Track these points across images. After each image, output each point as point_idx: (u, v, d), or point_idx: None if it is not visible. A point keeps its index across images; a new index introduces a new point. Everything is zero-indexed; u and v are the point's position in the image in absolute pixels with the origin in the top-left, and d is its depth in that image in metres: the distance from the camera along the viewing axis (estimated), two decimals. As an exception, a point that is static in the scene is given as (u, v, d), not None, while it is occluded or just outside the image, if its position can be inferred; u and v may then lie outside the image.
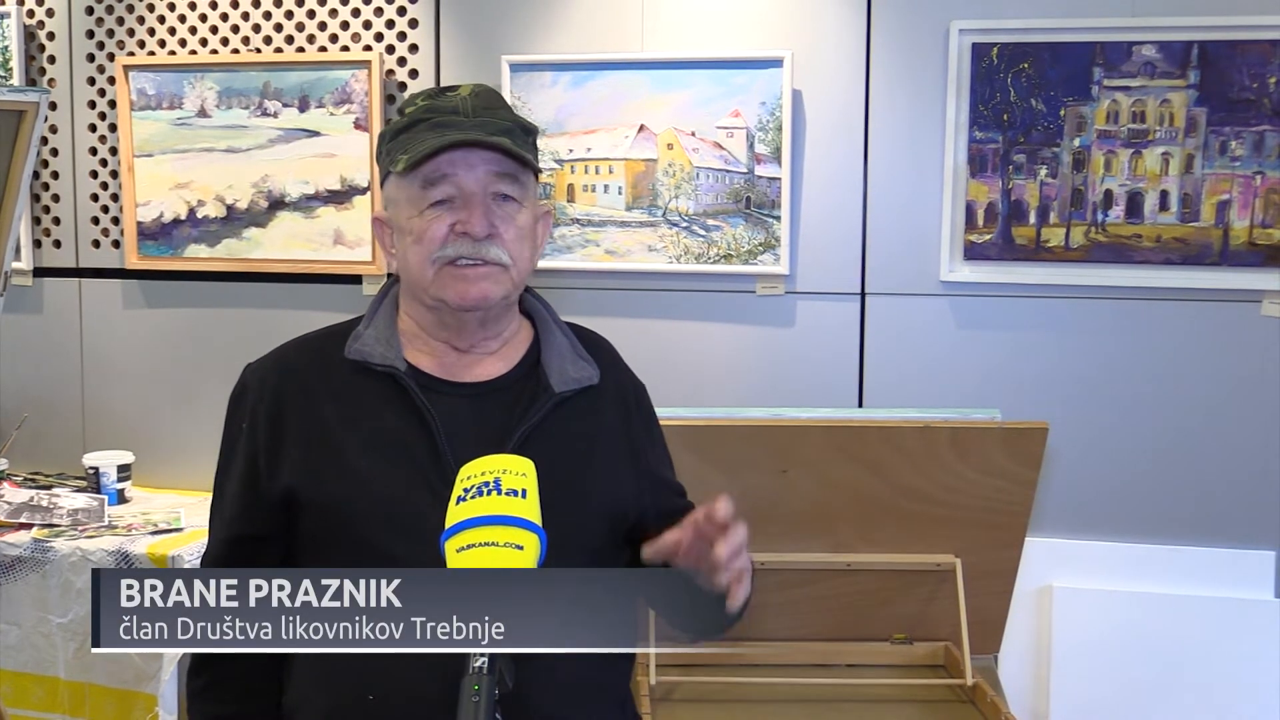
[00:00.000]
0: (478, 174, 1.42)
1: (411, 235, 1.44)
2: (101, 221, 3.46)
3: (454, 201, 1.42)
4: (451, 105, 1.44)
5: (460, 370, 1.50)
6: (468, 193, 1.42)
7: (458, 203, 1.42)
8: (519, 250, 1.45)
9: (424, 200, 1.43)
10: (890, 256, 3.01)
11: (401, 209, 1.46)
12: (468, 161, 1.41)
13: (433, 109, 1.44)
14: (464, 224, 1.41)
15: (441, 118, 1.43)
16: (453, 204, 1.42)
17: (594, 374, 1.53)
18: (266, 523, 1.47)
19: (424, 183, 1.42)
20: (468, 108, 1.44)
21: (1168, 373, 2.92)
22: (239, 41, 3.30)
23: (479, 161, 1.42)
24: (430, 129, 1.42)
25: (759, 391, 3.07)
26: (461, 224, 1.41)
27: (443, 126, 1.42)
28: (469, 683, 1.09)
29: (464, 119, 1.43)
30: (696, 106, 3.03)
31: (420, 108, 1.46)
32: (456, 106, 1.44)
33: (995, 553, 2.42)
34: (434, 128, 1.42)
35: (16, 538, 2.99)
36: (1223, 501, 2.91)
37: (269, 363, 1.53)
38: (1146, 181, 2.87)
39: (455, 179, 1.42)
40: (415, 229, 1.43)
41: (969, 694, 2.34)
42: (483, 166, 1.42)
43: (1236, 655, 2.86)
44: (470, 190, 1.42)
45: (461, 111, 1.43)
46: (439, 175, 1.42)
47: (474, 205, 1.42)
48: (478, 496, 1.20)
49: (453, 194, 1.42)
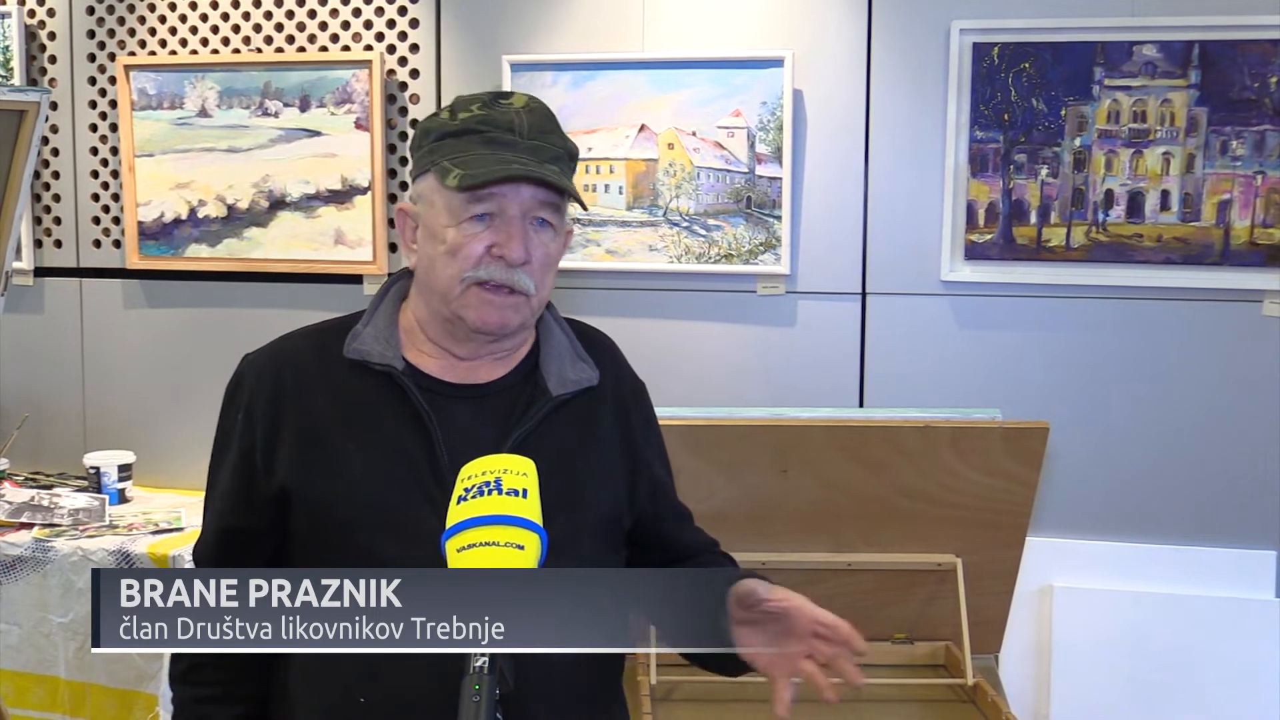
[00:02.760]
0: (523, 198, 1.40)
1: (445, 245, 1.41)
2: (102, 221, 3.46)
3: (494, 220, 1.40)
4: (507, 120, 1.41)
5: (459, 372, 1.49)
6: (510, 216, 1.40)
7: (498, 222, 1.40)
8: (543, 278, 1.44)
9: (464, 213, 1.40)
10: (891, 256, 3.01)
11: (438, 214, 1.42)
12: (514, 183, 1.39)
13: (488, 121, 1.41)
14: (501, 247, 1.39)
15: (496, 133, 1.40)
16: (492, 222, 1.40)
17: (593, 375, 1.52)
18: (260, 516, 1.47)
19: (470, 198, 1.39)
20: (524, 126, 1.41)
21: (1168, 373, 2.92)
22: (240, 41, 3.30)
23: (526, 187, 1.40)
24: (484, 144, 1.39)
25: (760, 391, 3.07)
26: (499, 247, 1.39)
27: (498, 145, 1.39)
28: (469, 683, 1.08)
29: (519, 140, 1.40)
30: (697, 106, 3.03)
31: (475, 116, 1.42)
32: (512, 123, 1.41)
33: (996, 552, 2.41)
34: (488, 143, 1.39)
35: (17, 537, 3.00)
36: (1223, 501, 2.91)
37: (266, 355, 1.51)
38: (1147, 181, 2.86)
39: (500, 199, 1.39)
40: (450, 240, 1.40)
41: (970, 694, 2.34)
42: (529, 191, 1.40)
43: (1237, 655, 2.86)
44: (513, 214, 1.40)
45: (517, 130, 1.41)
46: (486, 193, 1.39)
47: (514, 230, 1.39)
48: (479, 496, 1.20)
49: (494, 211, 1.40)
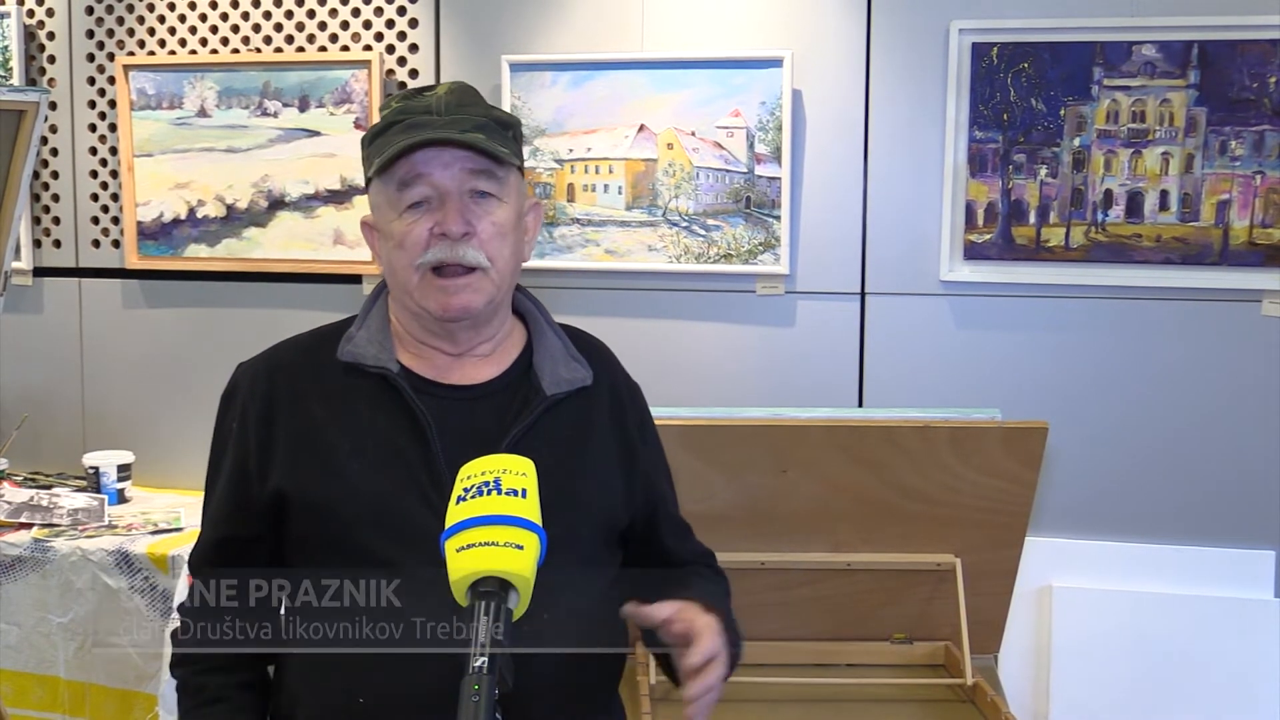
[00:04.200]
0: (452, 172, 1.40)
1: (393, 240, 1.42)
2: (101, 221, 3.46)
3: (431, 202, 1.41)
4: (425, 105, 1.43)
5: (453, 373, 1.49)
6: (443, 192, 1.40)
7: (434, 203, 1.41)
8: (498, 249, 1.43)
9: (401, 202, 1.41)
10: (890, 256, 3.01)
11: (382, 212, 1.44)
12: (441, 160, 1.40)
13: (406, 110, 1.43)
14: (440, 224, 1.39)
15: (414, 118, 1.41)
16: (430, 205, 1.41)
17: (586, 375, 1.52)
18: (255, 524, 1.47)
19: (399, 184, 1.41)
20: (441, 106, 1.42)
21: (1168, 372, 2.92)
22: (239, 41, 3.30)
23: (453, 160, 1.40)
24: (402, 130, 1.40)
25: (759, 391, 3.07)
26: (439, 224, 1.40)
27: (415, 127, 1.40)
28: (469, 683, 1.07)
29: (436, 118, 1.41)
30: (696, 106, 3.03)
31: (394, 109, 1.44)
32: (430, 106, 1.42)
33: (995, 552, 2.41)
34: (406, 129, 1.40)
35: (16, 537, 2.99)
36: (1223, 501, 2.91)
37: (260, 363, 1.52)
38: (1146, 181, 2.87)
39: (430, 178, 1.40)
40: (396, 233, 1.42)
41: (969, 694, 2.34)
42: (457, 165, 1.40)
43: (1236, 655, 2.86)
44: (446, 189, 1.40)
45: (434, 110, 1.42)
46: (413, 176, 1.40)
47: (449, 204, 1.40)
48: (478, 496, 1.20)
49: (429, 194, 1.40)
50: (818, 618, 2.48)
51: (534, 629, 1.35)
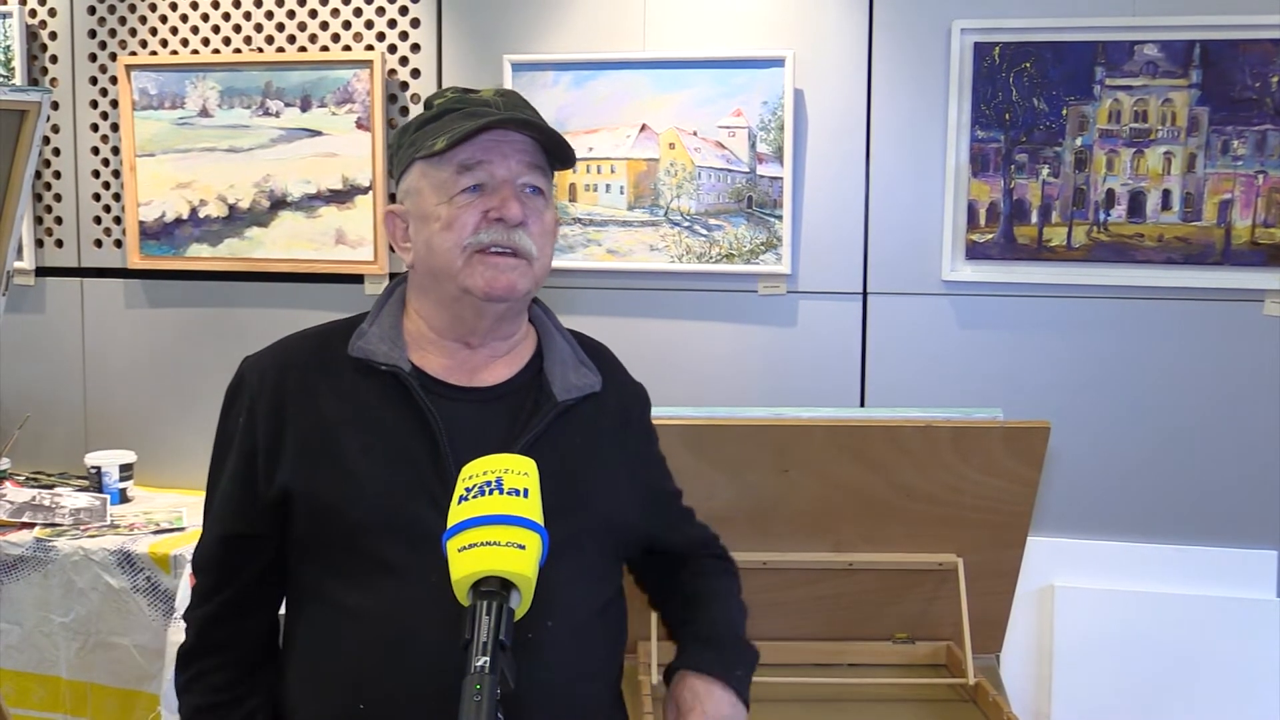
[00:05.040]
0: (511, 163, 1.42)
1: (440, 222, 1.42)
2: (103, 221, 3.46)
3: (485, 188, 1.42)
4: (481, 100, 1.45)
5: (465, 374, 1.48)
6: (500, 180, 1.42)
7: (489, 189, 1.42)
8: (544, 245, 1.46)
9: (455, 186, 1.42)
10: (892, 256, 3.01)
11: (427, 197, 1.44)
12: (502, 150, 1.42)
13: (462, 100, 1.45)
14: (498, 210, 1.40)
15: (473, 107, 1.44)
16: (484, 191, 1.42)
17: (596, 381, 1.52)
18: (261, 522, 1.45)
19: (459, 168, 1.41)
20: (499, 102, 1.45)
21: (1170, 372, 2.92)
22: (241, 41, 3.30)
23: (513, 151, 1.43)
24: (464, 117, 1.42)
25: (761, 391, 3.07)
26: (495, 210, 1.41)
27: (476, 116, 1.42)
28: (470, 682, 1.07)
29: (496, 111, 1.43)
30: (698, 106, 3.03)
31: (450, 99, 1.46)
32: (488, 100, 1.45)
33: (997, 552, 2.41)
34: (468, 116, 1.42)
35: (19, 537, 3.00)
36: (1224, 501, 2.91)
37: (268, 357, 1.50)
38: (1148, 181, 2.86)
39: (490, 166, 1.42)
40: (444, 215, 1.42)
41: (971, 693, 2.34)
42: (516, 157, 1.43)
43: (1238, 655, 2.86)
44: (503, 178, 1.42)
45: (493, 105, 1.44)
46: (474, 161, 1.41)
47: (507, 191, 1.42)
48: (480, 496, 1.19)
49: (485, 180, 1.42)
50: (819, 618, 2.48)
51: (538, 638, 1.35)
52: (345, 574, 1.40)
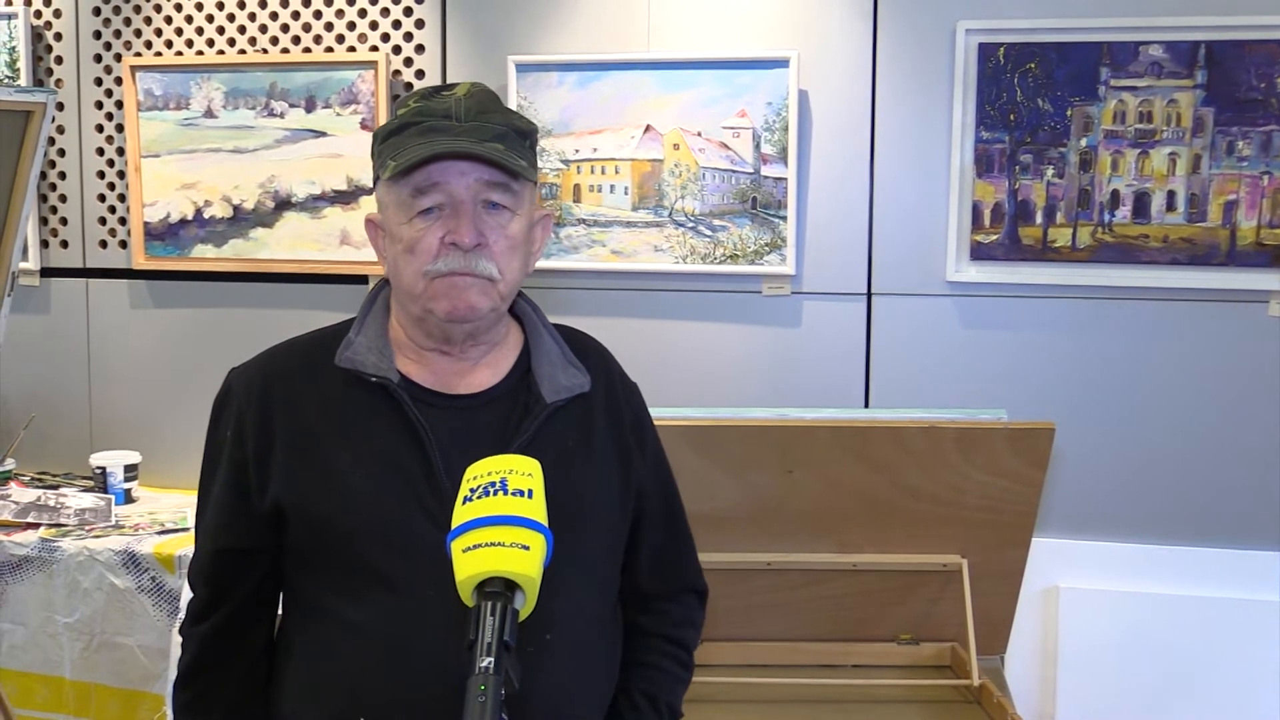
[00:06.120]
0: (467, 181, 1.37)
1: (402, 244, 1.39)
2: (108, 222, 3.47)
3: (443, 210, 1.38)
4: (444, 108, 1.39)
5: (452, 381, 1.46)
6: (457, 201, 1.37)
7: (447, 211, 1.37)
8: (507, 262, 1.41)
9: (413, 208, 1.38)
10: (896, 257, 3.01)
11: (391, 214, 1.41)
12: (458, 169, 1.37)
13: (424, 111, 1.39)
14: (453, 234, 1.37)
15: (433, 121, 1.38)
16: (442, 212, 1.38)
17: (585, 381, 1.50)
18: (256, 534, 1.44)
19: (413, 191, 1.38)
20: (460, 111, 1.39)
21: (1174, 373, 2.91)
22: (245, 42, 3.30)
23: (469, 169, 1.37)
24: (420, 134, 1.37)
25: (765, 391, 3.06)
26: (451, 234, 1.37)
27: (433, 132, 1.37)
28: (475, 683, 1.07)
29: (455, 124, 1.38)
30: (702, 107, 3.03)
31: (411, 110, 1.41)
32: (449, 109, 1.39)
33: (1002, 553, 2.41)
34: (424, 133, 1.37)
35: (23, 537, 3.00)
36: (1230, 502, 2.91)
37: (254, 368, 1.49)
38: (1153, 181, 2.86)
39: (445, 187, 1.37)
40: (405, 238, 1.39)
41: (975, 694, 2.34)
42: (473, 174, 1.37)
43: (1243, 656, 2.85)
44: (460, 199, 1.37)
45: (454, 115, 1.38)
46: (429, 184, 1.37)
47: (463, 215, 1.37)
48: (484, 496, 1.19)
49: (442, 202, 1.37)
50: (823, 618, 2.48)
51: (537, 648, 1.35)
52: (340, 585, 1.39)
